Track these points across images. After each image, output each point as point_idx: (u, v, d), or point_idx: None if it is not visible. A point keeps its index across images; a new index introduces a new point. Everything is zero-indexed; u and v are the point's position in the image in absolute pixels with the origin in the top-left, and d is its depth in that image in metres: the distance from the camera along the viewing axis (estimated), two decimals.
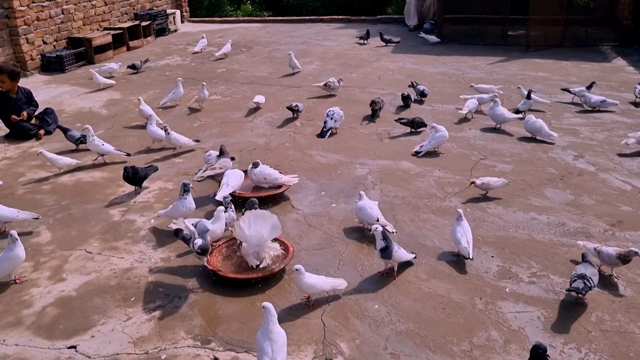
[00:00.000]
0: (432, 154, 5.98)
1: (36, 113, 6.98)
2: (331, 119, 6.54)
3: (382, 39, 11.81)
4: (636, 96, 7.55)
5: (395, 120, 6.73)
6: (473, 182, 4.98)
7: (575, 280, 3.51)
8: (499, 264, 4.02)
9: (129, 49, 11.65)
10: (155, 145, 6.31)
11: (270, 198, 4.92)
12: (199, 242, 3.78)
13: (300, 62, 9.77)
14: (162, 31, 13.17)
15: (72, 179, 5.56)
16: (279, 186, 4.99)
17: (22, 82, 7.17)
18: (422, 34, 12.13)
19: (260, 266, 3.90)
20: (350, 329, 3.38)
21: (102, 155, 5.91)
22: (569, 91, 7.65)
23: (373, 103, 7.21)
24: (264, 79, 9.21)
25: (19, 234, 4.38)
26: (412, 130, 6.61)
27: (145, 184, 5.28)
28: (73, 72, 9.82)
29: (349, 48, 11.57)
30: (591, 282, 3.49)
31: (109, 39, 10.90)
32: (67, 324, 3.48)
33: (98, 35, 10.71)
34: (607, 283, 3.78)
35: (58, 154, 5.84)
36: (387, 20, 15.00)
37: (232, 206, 4.46)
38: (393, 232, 4.31)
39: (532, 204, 4.89)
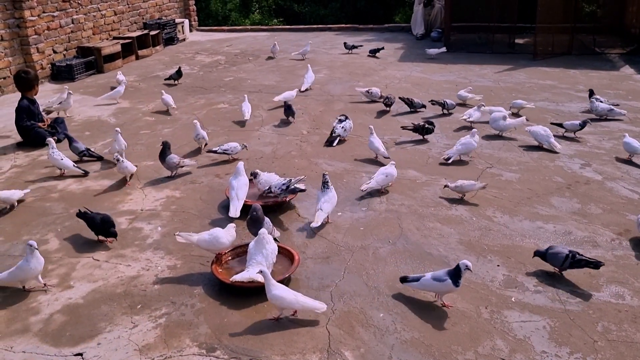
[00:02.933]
0: (438, 162, 5.98)
1: None
2: (342, 127, 6.57)
3: (346, 47, 11.96)
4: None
5: (402, 127, 6.75)
6: (447, 186, 5.12)
7: (567, 257, 3.85)
8: (505, 273, 4.01)
9: (137, 58, 11.76)
10: None
11: (277, 206, 4.94)
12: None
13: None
14: (170, 40, 13.29)
15: (80, 187, 5.61)
16: None
17: None
18: (427, 50, 11.47)
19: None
20: (355, 338, 3.38)
21: (60, 169, 5.90)
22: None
23: (386, 99, 7.79)
24: (271, 87, 9.26)
25: (28, 240, 4.43)
26: (422, 137, 6.62)
27: (152, 191, 5.33)
28: (83, 80, 9.92)
29: (356, 57, 11.61)
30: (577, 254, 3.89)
31: (118, 48, 11.01)
32: (74, 331, 3.50)
33: (107, 45, 10.82)
34: (614, 293, 3.77)
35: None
36: (395, 29, 15.05)
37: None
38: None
39: (538, 212, 4.88)
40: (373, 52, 11.62)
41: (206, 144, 6.40)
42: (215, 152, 6.08)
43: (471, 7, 12.87)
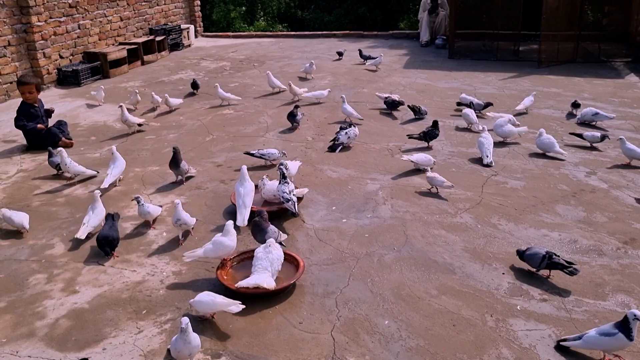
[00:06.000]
0: (443, 169, 5.99)
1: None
2: (345, 134, 6.58)
3: (338, 53, 12.19)
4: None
5: (408, 135, 6.75)
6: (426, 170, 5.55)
7: (543, 258, 3.94)
8: (510, 281, 4.00)
9: (143, 63, 11.81)
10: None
11: (282, 212, 4.94)
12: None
13: (312, 77, 9.87)
14: (176, 46, 13.34)
15: (86, 192, 5.62)
16: None
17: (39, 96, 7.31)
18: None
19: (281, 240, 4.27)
20: (360, 345, 3.38)
21: (75, 175, 5.87)
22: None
23: (386, 98, 8.12)
24: (276, 93, 9.28)
25: (34, 245, 4.46)
26: (427, 144, 6.63)
27: (158, 197, 5.34)
28: (88, 86, 9.96)
29: (360, 63, 11.63)
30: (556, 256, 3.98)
31: (124, 53, 11.06)
32: (80, 336, 3.51)
33: (113, 50, 10.88)
34: (620, 302, 3.76)
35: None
36: (399, 36, 15.08)
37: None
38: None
39: (543, 220, 4.87)
40: (364, 57, 11.65)
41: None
42: (252, 154, 6.09)
43: (476, 14, 12.90)
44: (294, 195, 4.80)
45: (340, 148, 6.57)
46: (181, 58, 12.58)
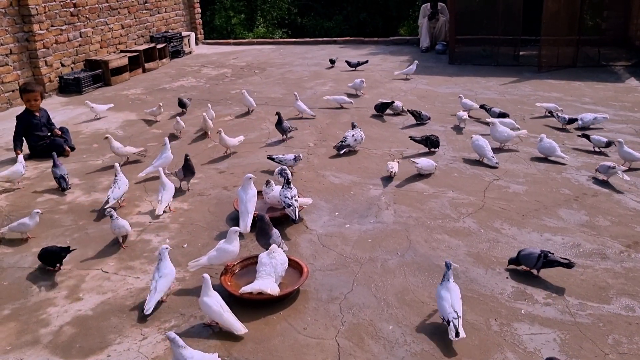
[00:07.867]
0: (446, 174, 6.00)
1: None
2: (352, 136, 6.60)
3: (331, 61, 12.11)
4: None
5: (410, 137, 6.76)
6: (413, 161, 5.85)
7: (539, 257, 3.99)
8: (514, 285, 4.00)
9: (144, 71, 11.84)
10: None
11: (285, 218, 4.94)
12: None
13: (313, 84, 9.86)
14: (177, 53, 13.38)
15: (89, 199, 5.64)
16: None
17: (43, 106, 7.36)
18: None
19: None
20: (364, 350, 3.38)
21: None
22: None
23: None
24: (277, 100, 9.31)
25: (37, 253, 4.44)
26: (428, 149, 6.64)
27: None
28: (90, 93, 10.00)
29: (361, 69, 11.66)
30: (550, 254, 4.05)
31: (125, 61, 11.10)
32: (84, 343, 3.51)
33: (115, 58, 10.92)
34: (624, 305, 3.76)
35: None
36: (400, 42, 15.11)
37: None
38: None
39: (546, 224, 4.87)
40: (354, 65, 11.60)
41: None
42: (273, 159, 6.12)
43: (475, 20, 12.93)
44: (295, 200, 4.81)
45: (345, 150, 6.58)
46: (182, 65, 12.62)
